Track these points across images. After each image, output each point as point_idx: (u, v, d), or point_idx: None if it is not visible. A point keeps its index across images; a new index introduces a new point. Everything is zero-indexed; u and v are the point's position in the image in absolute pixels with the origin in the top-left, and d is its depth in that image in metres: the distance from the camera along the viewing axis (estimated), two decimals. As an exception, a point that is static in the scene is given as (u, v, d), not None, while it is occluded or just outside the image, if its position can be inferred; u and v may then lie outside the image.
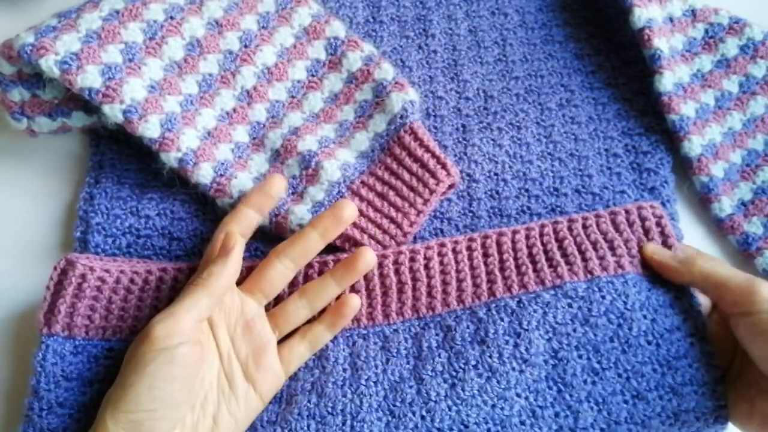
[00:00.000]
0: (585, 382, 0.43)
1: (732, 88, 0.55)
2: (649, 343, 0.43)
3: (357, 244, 0.48)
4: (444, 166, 0.49)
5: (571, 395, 0.42)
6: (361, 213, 0.49)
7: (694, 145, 0.53)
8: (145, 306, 0.45)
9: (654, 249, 0.45)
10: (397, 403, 0.42)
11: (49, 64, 0.44)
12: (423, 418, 0.42)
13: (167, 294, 0.45)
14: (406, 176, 0.49)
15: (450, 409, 0.42)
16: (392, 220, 0.49)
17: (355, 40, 0.52)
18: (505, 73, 0.58)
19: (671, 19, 0.56)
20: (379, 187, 0.50)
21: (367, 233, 0.49)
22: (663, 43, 0.54)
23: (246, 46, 0.51)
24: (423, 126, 0.51)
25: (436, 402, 0.42)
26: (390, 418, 0.42)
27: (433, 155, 0.49)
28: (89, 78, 0.45)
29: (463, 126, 0.55)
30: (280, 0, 0.52)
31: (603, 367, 0.43)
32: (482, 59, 0.58)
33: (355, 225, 0.48)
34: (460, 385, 0.42)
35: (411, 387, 0.43)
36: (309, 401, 0.42)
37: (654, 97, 0.54)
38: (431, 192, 0.49)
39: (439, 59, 0.58)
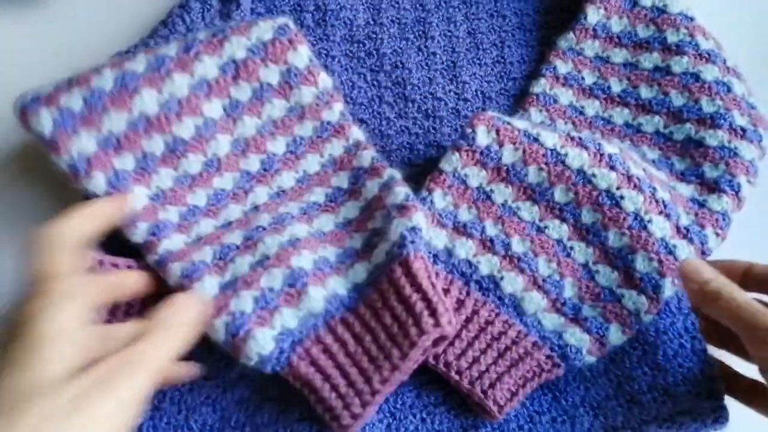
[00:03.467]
0: (578, 388, 0.44)
1: (615, 87, 0.55)
2: (634, 348, 0.44)
3: (315, 391, 0.41)
4: (433, 314, 0.40)
5: (566, 400, 0.43)
6: (330, 355, 0.41)
7: (540, 85, 0.56)
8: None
9: (689, 270, 0.42)
10: (398, 406, 0.43)
11: (59, 162, 0.43)
12: (423, 420, 0.42)
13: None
14: (388, 319, 0.41)
15: (449, 413, 0.43)
16: (362, 372, 0.40)
17: (377, 168, 0.48)
18: (503, 75, 0.58)
19: (634, 4, 0.56)
20: (357, 327, 0.42)
21: (330, 382, 0.41)
22: (595, 14, 0.56)
23: (265, 170, 0.48)
24: (424, 258, 0.42)
25: (435, 405, 0.43)
26: (391, 420, 0.42)
27: (424, 297, 0.40)
28: (94, 184, 0.43)
29: (462, 128, 0.56)
30: (320, 127, 0.49)
31: (593, 374, 0.44)
32: (481, 61, 0.59)
33: (319, 369, 0.41)
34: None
35: (411, 391, 0.44)
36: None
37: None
38: (411, 345, 0.40)
39: (439, 61, 0.59)
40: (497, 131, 0.48)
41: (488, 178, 0.48)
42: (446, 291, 0.45)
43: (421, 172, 0.53)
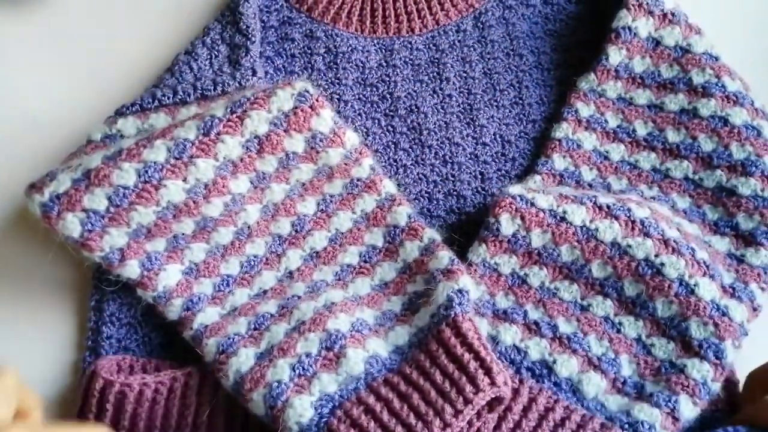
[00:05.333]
0: None
1: (640, 130, 0.53)
2: None
3: None
4: (488, 372, 0.40)
5: None
6: (373, 415, 0.39)
7: (562, 129, 0.54)
8: (171, 415, 0.43)
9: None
10: None
11: (92, 258, 0.43)
12: None
13: (194, 399, 0.43)
14: (438, 378, 0.40)
15: None
16: (409, 429, 0.39)
17: (415, 229, 0.47)
18: (521, 117, 0.56)
19: (657, 43, 0.55)
20: (403, 386, 0.40)
21: None
22: (617, 55, 0.54)
23: (297, 232, 0.47)
24: (473, 320, 0.42)
25: None
26: None
27: (477, 356, 0.40)
28: (128, 270, 0.43)
29: (482, 174, 0.54)
30: (350, 184, 0.48)
31: None
32: (498, 103, 0.57)
33: (361, 430, 0.39)
34: None
35: None
36: None
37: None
38: (466, 402, 0.39)
39: (455, 104, 0.56)
40: (522, 217, 0.46)
41: (520, 263, 0.46)
42: None
43: (443, 224, 0.51)
